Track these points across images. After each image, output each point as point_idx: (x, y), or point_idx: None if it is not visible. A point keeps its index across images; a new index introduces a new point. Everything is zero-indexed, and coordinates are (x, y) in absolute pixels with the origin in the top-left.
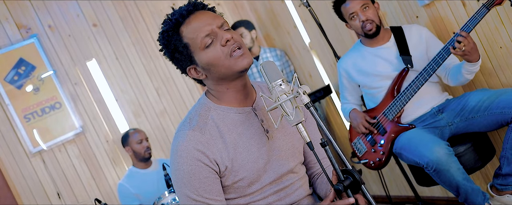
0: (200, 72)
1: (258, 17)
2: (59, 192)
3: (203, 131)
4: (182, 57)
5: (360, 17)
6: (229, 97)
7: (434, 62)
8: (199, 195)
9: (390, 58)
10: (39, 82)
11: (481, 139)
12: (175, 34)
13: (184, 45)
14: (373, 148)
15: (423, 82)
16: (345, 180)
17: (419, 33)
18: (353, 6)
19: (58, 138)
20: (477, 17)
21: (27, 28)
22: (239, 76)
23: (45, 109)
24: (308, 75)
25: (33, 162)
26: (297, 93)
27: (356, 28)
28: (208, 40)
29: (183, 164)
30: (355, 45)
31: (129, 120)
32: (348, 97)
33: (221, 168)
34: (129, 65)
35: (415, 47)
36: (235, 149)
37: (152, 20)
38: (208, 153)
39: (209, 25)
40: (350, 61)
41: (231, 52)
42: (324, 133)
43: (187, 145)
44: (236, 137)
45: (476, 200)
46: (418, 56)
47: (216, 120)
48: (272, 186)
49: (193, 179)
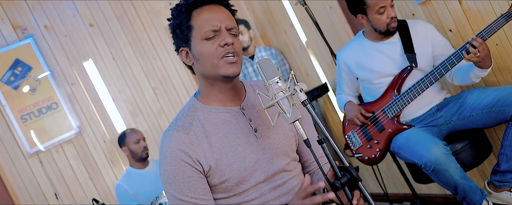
0: (189, 57)
1: (255, 16)
2: (56, 192)
3: (187, 132)
4: (182, 35)
5: (389, 12)
6: (214, 96)
7: (442, 66)
8: (184, 194)
9: (394, 55)
10: (35, 82)
11: (478, 136)
12: (187, 13)
13: (188, 26)
14: (369, 143)
15: (429, 86)
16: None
17: (424, 31)
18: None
19: (55, 139)
20: (493, 27)
21: (23, 29)
22: (222, 80)
23: (42, 110)
24: (305, 73)
25: (30, 163)
26: (294, 90)
27: (380, 22)
28: (210, 34)
29: (167, 165)
30: (357, 37)
31: (127, 120)
32: (345, 89)
33: (205, 168)
34: (126, 65)
35: (420, 45)
36: (220, 149)
37: (148, 19)
38: (190, 153)
39: (220, 22)
40: (351, 54)
41: (224, 55)
42: (321, 130)
43: (171, 145)
44: (222, 137)
45: (474, 198)
46: (423, 55)
47: (202, 120)
48: (266, 184)
49: (177, 179)
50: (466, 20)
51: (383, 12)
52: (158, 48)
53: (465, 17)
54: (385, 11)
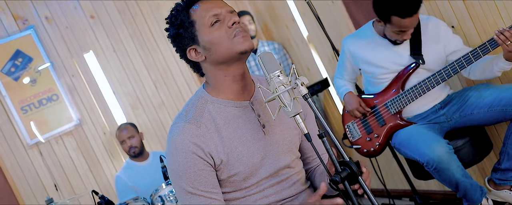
0: (200, 53)
1: (256, 10)
2: (56, 184)
3: (199, 124)
4: (186, 34)
5: (405, 36)
6: (226, 88)
7: (451, 68)
8: (194, 188)
9: (402, 52)
10: (36, 74)
11: (479, 134)
12: (185, 11)
13: (190, 21)
14: (369, 136)
15: (435, 85)
16: (342, 171)
17: (437, 32)
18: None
19: (55, 130)
20: None
21: (24, 20)
22: (238, 59)
23: (42, 101)
24: (306, 68)
25: (30, 154)
26: (295, 84)
27: (392, 37)
28: (214, 19)
29: (178, 157)
30: (367, 28)
31: (127, 112)
32: (345, 75)
33: (216, 161)
34: (127, 57)
35: (430, 45)
36: (231, 143)
37: (150, 12)
38: (203, 146)
39: (220, 7)
40: (359, 45)
41: (235, 34)
42: (322, 124)
43: (182, 137)
44: (232, 132)
45: (474, 196)
46: (432, 55)
47: (213, 114)
48: (269, 180)
49: (188, 172)
50: (469, 17)
51: (401, 34)
52: (159, 41)
53: (468, 14)
54: (403, 34)
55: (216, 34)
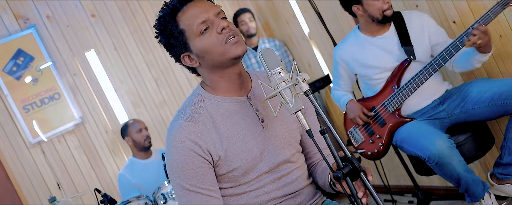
0: (194, 59)
1: (257, 7)
2: (59, 182)
3: (197, 121)
4: (177, 43)
5: None
6: (223, 86)
7: (440, 57)
8: (192, 185)
9: (392, 48)
10: (37, 73)
11: (480, 128)
12: (172, 20)
13: (179, 31)
14: (371, 138)
15: (428, 77)
16: (344, 167)
17: (420, 22)
18: None
19: (57, 129)
20: (490, 15)
21: (25, 19)
22: (232, 64)
23: (44, 100)
24: (307, 65)
25: (33, 153)
26: (297, 80)
27: (375, 8)
28: (203, 27)
29: (176, 154)
30: (353, 33)
31: (128, 110)
32: (342, 85)
33: (214, 158)
34: (128, 55)
35: (417, 36)
36: (229, 139)
37: (150, 10)
38: (201, 143)
39: (206, 12)
40: (349, 51)
41: (226, 39)
42: (323, 120)
43: (180, 135)
44: (230, 127)
45: (476, 191)
46: (421, 46)
47: (210, 110)
48: (269, 175)
49: (186, 169)
50: (470, 12)
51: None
52: None
53: (469, 9)
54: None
55: (207, 42)
